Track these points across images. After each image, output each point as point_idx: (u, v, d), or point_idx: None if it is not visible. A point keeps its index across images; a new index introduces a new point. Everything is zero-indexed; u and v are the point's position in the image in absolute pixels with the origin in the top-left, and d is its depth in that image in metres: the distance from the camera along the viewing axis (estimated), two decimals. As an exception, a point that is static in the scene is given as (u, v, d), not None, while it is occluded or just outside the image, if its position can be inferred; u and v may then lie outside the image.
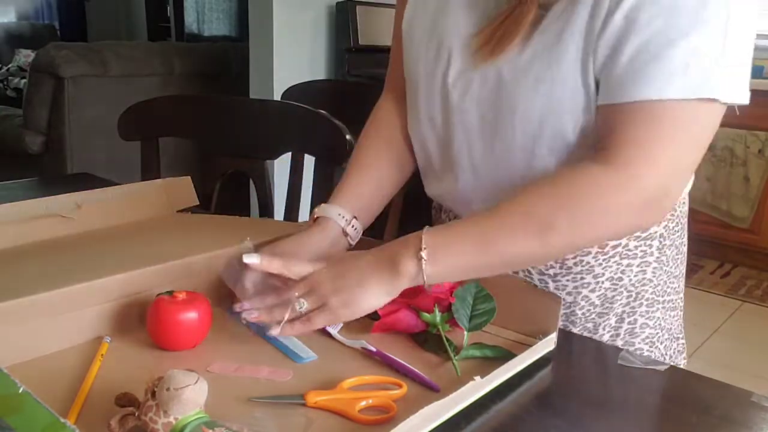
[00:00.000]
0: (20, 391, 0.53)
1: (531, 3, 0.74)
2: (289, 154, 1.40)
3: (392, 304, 0.78)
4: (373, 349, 0.73)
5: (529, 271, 0.89)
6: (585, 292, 0.87)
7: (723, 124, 0.75)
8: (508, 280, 0.80)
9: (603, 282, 0.87)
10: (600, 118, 0.74)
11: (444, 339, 0.74)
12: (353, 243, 0.88)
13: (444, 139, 0.89)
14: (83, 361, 0.69)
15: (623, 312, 0.89)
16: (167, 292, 0.74)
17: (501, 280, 0.79)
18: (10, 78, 4.97)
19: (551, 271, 0.87)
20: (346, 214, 0.87)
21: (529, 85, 0.76)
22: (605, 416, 0.66)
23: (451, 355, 0.72)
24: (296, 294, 0.72)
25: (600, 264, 0.86)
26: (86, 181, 1.40)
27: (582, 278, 0.87)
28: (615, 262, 0.86)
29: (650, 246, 0.88)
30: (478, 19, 0.82)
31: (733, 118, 0.81)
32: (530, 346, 0.72)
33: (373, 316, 0.80)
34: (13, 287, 0.70)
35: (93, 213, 0.99)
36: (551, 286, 0.88)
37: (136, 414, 0.56)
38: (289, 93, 1.82)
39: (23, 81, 4.30)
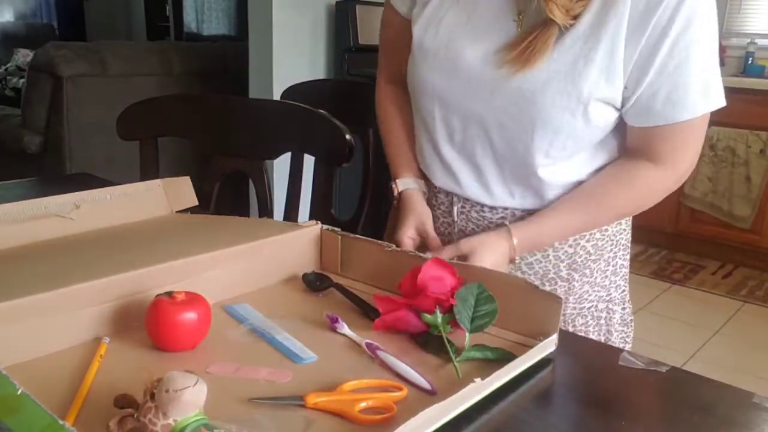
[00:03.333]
0: (19, 392, 0.52)
1: (552, 25, 0.87)
2: (289, 154, 1.40)
3: (392, 304, 0.78)
4: (375, 347, 0.73)
5: None
6: (582, 242, 1.04)
7: (724, 124, 0.81)
8: (508, 281, 0.80)
9: (594, 233, 1.05)
10: (638, 133, 0.94)
11: (445, 341, 0.74)
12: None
13: (463, 142, 1.01)
14: (82, 362, 0.69)
15: (609, 257, 1.08)
16: (166, 292, 0.74)
17: (501, 281, 0.79)
18: (8, 77, 4.97)
19: None
20: (419, 181, 1.10)
21: (548, 99, 0.89)
22: (606, 417, 0.66)
23: (452, 357, 0.72)
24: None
25: None
26: (85, 181, 1.40)
27: None
28: None
29: None
30: (497, 38, 0.93)
31: (735, 118, 0.88)
32: (531, 347, 0.72)
33: (374, 315, 0.80)
34: (11, 287, 0.70)
35: (92, 213, 0.98)
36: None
37: (135, 415, 0.56)
38: (288, 93, 1.82)
39: (22, 80, 4.30)
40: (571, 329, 1.07)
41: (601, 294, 1.09)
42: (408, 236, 1.03)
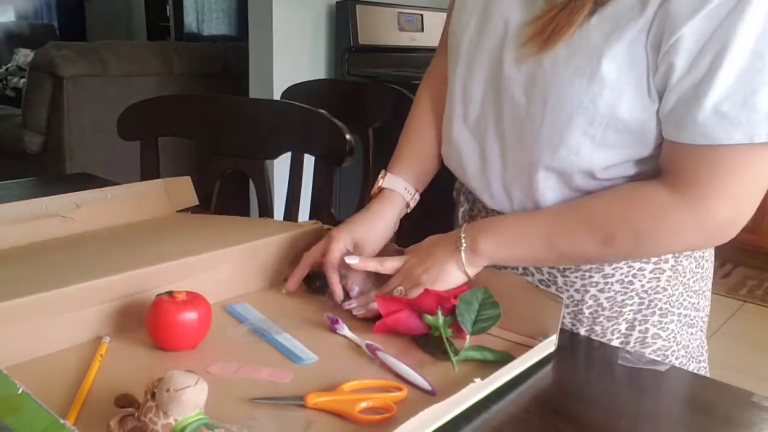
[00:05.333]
0: (20, 391, 0.52)
1: None
2: (289, 154, 1.40)
3: (394, 305, 0.78)
4: (375, 348, 0.73)
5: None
6: (593, 291, 0.86)
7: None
8: (508, 281, 0.80)
9: (613, 284, 0.85)
10: (671, 148, 0.75)
11: (445, 341, 0.74)
12: (409, 210, 0.97)
13: (477, 121, 0.88)
14: (83, 362, 0.69)
15: (634, 319, 0.87)
16: (167, 292, 0.74)
17: (502, 281, 0.79)
18: (9, 77, 4.97)
19: (560, 266, 0.87)
20: (411, 188, 0.96)
21: (566, 76, 0.75)
22: (605, 416, 0.66)
23: (451, 356, 0.72)
24: (394, 286, 0.84)
25: (610, 264, 0.85)
26: (85, 181, 1.40)
27: (591, 276, 0.85)
28: (626, 264, 0.85)
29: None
30: (529, 9, 0.80)
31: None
32: (531, 347, 0.72)
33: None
34: (12, 287, 0.70)
35: (92, 213, 0.98)
36: (560, 280, 0.87)
37: (136, 415, 0.56)
38: (288, 93, 1.82)
39: (22, 80, 4.30)
40: None
41: None
42: (341, 242, 0.88)
